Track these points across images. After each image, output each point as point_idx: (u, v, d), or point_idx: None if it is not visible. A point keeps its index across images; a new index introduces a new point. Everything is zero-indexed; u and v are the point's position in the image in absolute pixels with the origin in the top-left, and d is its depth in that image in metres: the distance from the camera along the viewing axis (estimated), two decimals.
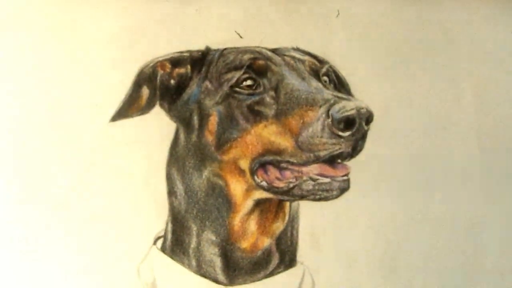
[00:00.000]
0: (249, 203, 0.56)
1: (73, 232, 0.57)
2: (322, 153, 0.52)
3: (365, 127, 0.52)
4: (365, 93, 0.59)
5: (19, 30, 0.60)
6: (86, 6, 0.61)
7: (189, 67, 0.59)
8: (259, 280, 0.57)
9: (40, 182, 0.57)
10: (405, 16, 0.61)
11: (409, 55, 0.60)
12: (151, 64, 0.59)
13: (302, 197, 0.54)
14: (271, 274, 0.57)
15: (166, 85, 0.59)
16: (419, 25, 0.61)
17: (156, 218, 0.58)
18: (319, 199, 0.54)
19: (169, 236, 0.58)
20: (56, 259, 0.56)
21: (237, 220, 0.56)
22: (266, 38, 0.61)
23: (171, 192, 0.58)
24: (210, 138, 0.56)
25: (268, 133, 0.54)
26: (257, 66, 0.56)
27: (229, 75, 0.57)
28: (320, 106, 0.52)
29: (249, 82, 0.56)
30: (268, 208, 0.57)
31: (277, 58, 0.57)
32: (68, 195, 0.57)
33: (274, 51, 0.59)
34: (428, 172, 0.57)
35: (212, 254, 0.57)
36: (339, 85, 0.60)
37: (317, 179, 0.54)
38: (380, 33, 0.61)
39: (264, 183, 0.55)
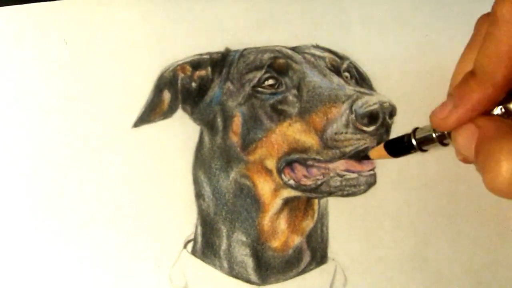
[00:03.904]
0: (278, 202, 0.58)
1: (99, 240, 0.59)
2: (347, 149, 0.55)
3: (389, 121, 0.54)
4: (387, 87, 0.61)
5: (38, 38, 0.62)
6: (104, 12, 0.63)
7: (209, 69, 0.61)
8: (291, 278, 0.59)
9: (62, 189, 0.59)
10: (424, 9, 0.63)
11: (429, 47, 0.62)
12: (171, 68, 0.61)
13: (330, 194, 0.57)
14: (303, 271, 0.59)
15: (188, 88, 0.61)
16: (439, 18, 0.63)
17: (185, 221, 0.59)
18: (347, 195, 0.57)
19: (199, 239, 0.59)
20: (82, 268, 0.58)
21: (266, 220, 0.59)
22: (285, 36, 0.62)
23: (199, 195, 0.60)
24: (235, 139, 0.59)
25: (293, 131, 0.57)
26: (278, 65, 0.59)
27: (250, 76, 0.59)
28: (343, 102, 0.55)
29: (270, 82, 0.58)
30: (297, 206, 0.59)
31: (297, 56, 0.60)
32: (93, 202, 0.59)
33: (294, 49, 0.61)
34: (453, 164, 0.59)
35: (244, 255, 0.59)
36: (361, 80, 0.61)
37: (344, 175, 0.56)
38: (399, 26, 0.63)
39: (291, 182, 0.57)
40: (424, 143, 0.49)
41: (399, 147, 0.51)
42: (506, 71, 0.42)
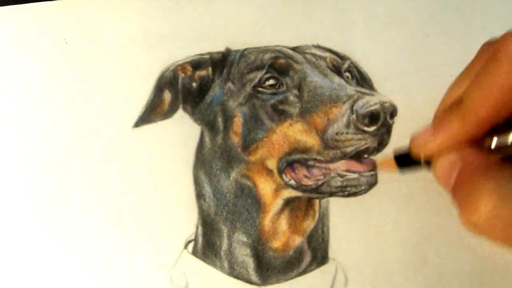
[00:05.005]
0: (279, 203, 0.58)
1: (100, 240, 0.59)
2: (348, 149, 0.55)
3: (390, 121, 0.54)
4: (388, 87, 0.62)
5: (38, 38, 0.63)
6: (105, 11, 0.63)
7: (210, 69, 0.61)
8: (292, 278, 0.59)
9: (62, 189, 0.60)
10: (424, 9, 0.63)
11: (430, 47, 0.62)
12: (172, 68, 0.62)
13: (331, 194, 0.57)
14: (304, 272, 0.59)
15: (188, 88, 0.61)
16: (440, 17, 0.63)
17: (186, 222, 0.59)
18: (348, 195, 0.57)
19: (200, 239, 0.60)
20: (83, 268, 0.58)
21: (267, 220, 0.59)
22: (286, 36, 0.62)
23: (200, 195, 0.60)
24: (235, 139, 0.59)
25: (293, 131, 0.57)
26: (279, 65, 0.59)
27: (251, 76, 0.59)
28: (344, 103, 0.55)
29: (271, 82, 0.58)
30: (298, 207, 0.59)
31: (298, 56, 0.60)
32: (93, 202, 0.59)
33: (294, 49, 0.61)
34: None
35: (244, 255, 0.59)
36: (362, 80, 0.62)
37: (345, 175, 0.56)
38: (401, 26, 0.63)
39: (292, 182, 0.57)
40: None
41: (407, 160, 0.49)
42: (493, 107, 0.41)
